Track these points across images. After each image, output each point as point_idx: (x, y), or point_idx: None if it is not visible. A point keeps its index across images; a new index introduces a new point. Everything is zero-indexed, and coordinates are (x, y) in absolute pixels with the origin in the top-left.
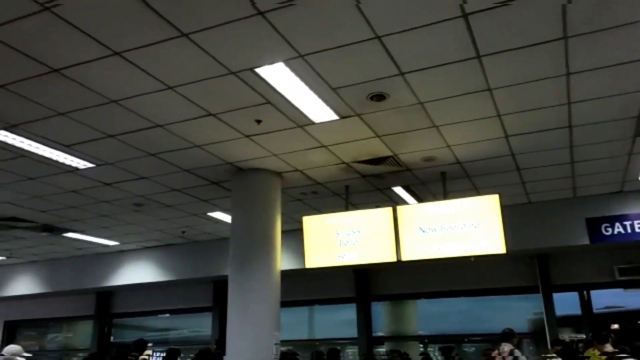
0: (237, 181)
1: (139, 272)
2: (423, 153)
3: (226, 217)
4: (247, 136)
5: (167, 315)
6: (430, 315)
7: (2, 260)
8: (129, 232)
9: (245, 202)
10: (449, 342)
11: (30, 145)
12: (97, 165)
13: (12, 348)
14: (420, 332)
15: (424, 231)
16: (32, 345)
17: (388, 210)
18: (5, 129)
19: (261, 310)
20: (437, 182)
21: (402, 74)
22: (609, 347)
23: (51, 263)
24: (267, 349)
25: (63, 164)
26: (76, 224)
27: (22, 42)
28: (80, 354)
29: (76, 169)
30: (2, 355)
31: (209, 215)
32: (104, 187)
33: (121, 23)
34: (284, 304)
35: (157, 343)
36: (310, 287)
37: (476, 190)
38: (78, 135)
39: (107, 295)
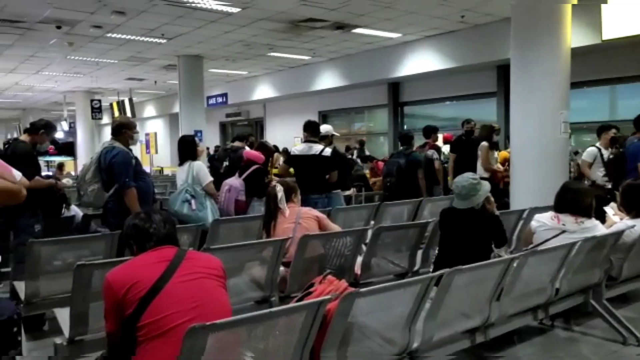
0: None
1: (422, 62)
2: None
3: None
4: None
5: (454, 102)
6: None
7: (309, 59)
8: (410, 22)
9: None
10: None
11: None
12: None
13: (325, 127)
14: None
15: None
16: (340, 130)
17: None
18: None
19: (546, 90)
20: None
21: None
22: None
23: (346, 59)
24: (554, 126)
25: None
26: (362, 19)
27: None
28: (381, 138)
29: None
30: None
31: None
32: None
33: None
34: (578, 84)
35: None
36: (609, 65)
37: None
38: None
39: (396, 86)
